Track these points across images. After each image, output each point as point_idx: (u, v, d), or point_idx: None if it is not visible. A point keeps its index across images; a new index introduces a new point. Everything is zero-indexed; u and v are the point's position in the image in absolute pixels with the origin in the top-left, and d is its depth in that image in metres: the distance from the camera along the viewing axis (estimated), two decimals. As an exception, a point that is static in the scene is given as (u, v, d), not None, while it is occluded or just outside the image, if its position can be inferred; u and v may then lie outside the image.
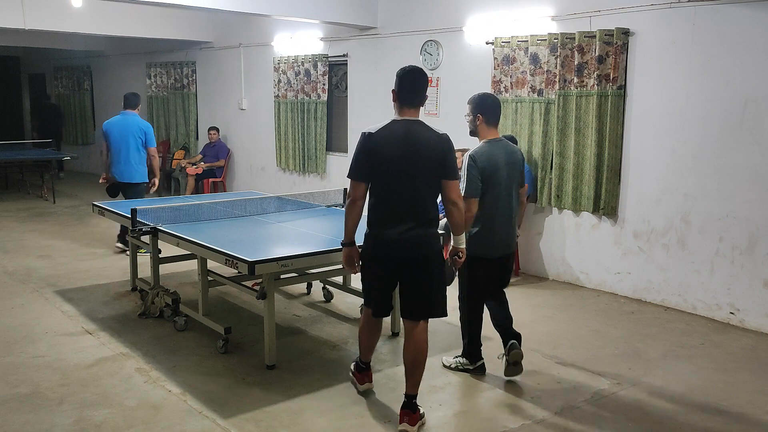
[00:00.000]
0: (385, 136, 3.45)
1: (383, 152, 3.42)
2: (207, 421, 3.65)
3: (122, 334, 4.93)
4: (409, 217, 3.47)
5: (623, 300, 5.98)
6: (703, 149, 5.43)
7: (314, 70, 8.94)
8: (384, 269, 3.59)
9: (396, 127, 3.47)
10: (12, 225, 8.92)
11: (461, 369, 4.34)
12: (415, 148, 3.42)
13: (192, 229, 4.92)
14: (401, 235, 3.47)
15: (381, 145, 3.43)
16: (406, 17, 7.72)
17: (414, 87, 3.51)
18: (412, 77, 3.51)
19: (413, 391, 3.59)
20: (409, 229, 3.47)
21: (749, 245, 5.22)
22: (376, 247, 3.56)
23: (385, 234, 3.50)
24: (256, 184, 10.13)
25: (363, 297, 3.83)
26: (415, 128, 3.47)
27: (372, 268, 3.64)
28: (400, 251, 3.50)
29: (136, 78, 12.70)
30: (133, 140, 7.09)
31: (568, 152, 6.26)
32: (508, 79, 6.66)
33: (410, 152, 3.41)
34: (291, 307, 5.65)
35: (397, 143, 3.42)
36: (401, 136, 3.43)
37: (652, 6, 5.62)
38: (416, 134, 3.45)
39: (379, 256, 3.57)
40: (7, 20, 8.53)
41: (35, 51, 14.99)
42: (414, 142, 3.43)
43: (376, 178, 3.48)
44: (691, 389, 4.16)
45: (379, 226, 3.52)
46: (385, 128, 3.47)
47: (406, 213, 3.47)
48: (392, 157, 3.42)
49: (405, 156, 3.41)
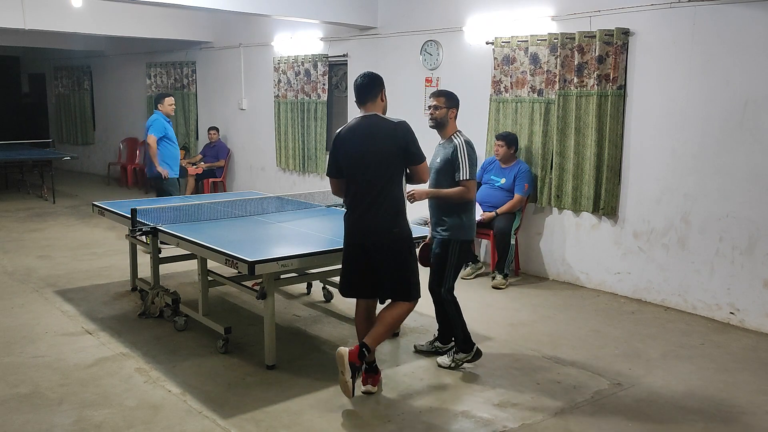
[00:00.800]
0: (346, 133, 3.89)
1: (344, 148, 3.86)
2: (207, 421, 3.65)
3: (122, 334, 4.93)
4: (375, 204, 3.82)
5: (623, 300, 5.98)
6: (703, 149, 5.43)
7: (314, 70, 8.94)
8: (355, 254, 3.93)
9: (355, 124, 3.91)
10: (12, 225, 8.92)
11: (461, 364, 4.36)
12: (371, 140, 3.81)
13: (192, 229, 4.91)
14: (370, 222, 3.84)
15: (342, 142, 3.88)
16: (406, 17, 7.72)
17: (356, 86, 3.95)
18: (356, 78, 3.97)
19: (372, 344, 3.85)
20: (377, 215, 3.83)
21: (749, 245, 5.22)
22: (346, 233, 3.97)
23: (349, 221, 3.93)
24: (256, 184, 10.13)
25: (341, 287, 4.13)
26: (372, 122, 3.86)
27: (345, 252, 4.01)
28: (369, 237, 3.86)
29: (136, 78, 12.71)
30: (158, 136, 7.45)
31: (568, 152, 6.26)
32: (508, 79, 6.66)
33: (368, 144, 3.80)
34: (291, 307, 5.65)
35: (356, 138, 3.84)
36: (359, 131, 3.85)
37: (652, 6, 5.62)
38: (372, 127, 3.84)
39: (346, 242, 3.98)
40: (7, 20, 8.53)
41: (35, 51, 14.99)
42: (370, 135, 3.82)
43: (345, 172, 3.90)
44: (691, 389, 4.16)
45: (349, 214, 3.93)
46: (347, 126, 3.93)
47: (372, 201, 3.82)
48: (351, 152, 3.84)
49: (362, 148, 3.81)
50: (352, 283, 3.99)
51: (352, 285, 4.00)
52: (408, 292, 3.94)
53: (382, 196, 3.82)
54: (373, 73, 3.99)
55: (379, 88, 3.94)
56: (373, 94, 3.91)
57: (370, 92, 3.91)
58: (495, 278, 6.31)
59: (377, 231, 3.86)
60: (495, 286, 6.24)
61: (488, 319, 5.35)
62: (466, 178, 4.17)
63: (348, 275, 4.00)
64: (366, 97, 3.92)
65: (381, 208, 3.83)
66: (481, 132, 6.89)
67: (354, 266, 3.95)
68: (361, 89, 3.92)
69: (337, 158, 3.90)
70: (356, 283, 3.98)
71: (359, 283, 3.97)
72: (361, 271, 3.94)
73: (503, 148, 6.43)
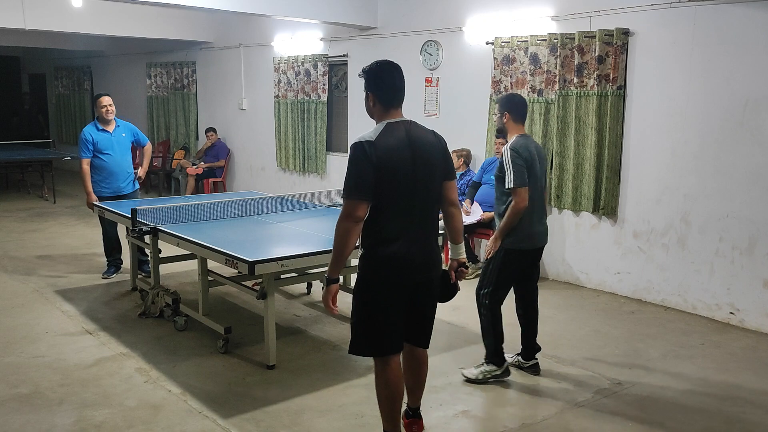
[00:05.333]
0: (389, 142, 2.96)
1: (391, 161, 2.93)
2: (207, 421, 3.65)
3: (122, 334, 4.93)
4: (423, 232, 3.10)
5: (623, 300, 5.98)
6: (703, 149, 5.43)
7: (314, 71, 8.94)
8: (398, 295, 3.07)
9: (396, 131, 3.01)
10: (12, 225, 8.92)
11: (490, 378, 4.15)
12: (422, 150, 3.03)
13: (192, 229, 4.92)
14: (419, 255, 3.07)
15: (387, 153, 2.93)
16: (406, 17, 7.72)
17: (395, 83, 3.09)
18: (390, 72, 3.09)
19: (419, 404, 3.46)
20: (424, 246, 3.10)
21: (749, 245, 5.22)
22: (387, 268, 3.03)
23: (396, 253, 3.01)
24: (256, 184, 10.13)
25: (366, 345, 3.14)
26: (415, 129, 3.08)
27: (382, 295, 3.06)
28: (415, 272, 3.07)
29: (136, 78, 12.71)
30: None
31: (567, 152, 6.26)
32: (508, 79, 6.66)
33: (418, 156, 3.01)
34: (291, 307, 5.65)
35: (404, 148, 2.98)
36: (405, 140, 3.00)
37: (652, 6, 5.62)
38: (419, 135, 3.06)
39: (383, 282, 3.05)
40: (7, 20, 8.52)
41: (35, 51, 14.99)
42: (420, 145, 3.03)
43: (382, 192, 2.95)
44: (691, 389, 4.16)
45: (387, 244, 3.01)
46: (384, 134, 2.98)
47: (418, 227, 3.08)
48: (402, 165, 2.97)
49: (413, 162, 2.99)
50: (395, 333, 3.12)
51: (395, 336, 3.12)
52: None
53: (432, 222, 3.15)
54: (396, 64, 3.19)
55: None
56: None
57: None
58: (495, 278, 6.29)
59: (430, 265, 3.13)
60: (495, 286, 6.22)
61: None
62: (511, 186, 3.92)
63: (390, 325, 3.09)
64: (403, 98, 3.14)
65: (432, 237, 3.15)
66: (481, 132, 6.89)
67: (397, 312, 3.09)
68: (402, 87, 3.11)
69: (378, 174, 2.91)
70: (398, 333, 3.14)
71: (400, 333, 3.15)
72: (402, 318, 3.13)
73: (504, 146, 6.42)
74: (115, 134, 6.28)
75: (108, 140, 6.21)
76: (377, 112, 3.12)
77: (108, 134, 6.23)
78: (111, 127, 6.26)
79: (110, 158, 6.22)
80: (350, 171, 2.94)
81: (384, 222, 3.01)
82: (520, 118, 4.14)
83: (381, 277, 3.05)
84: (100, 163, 6.20)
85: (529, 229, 4.05)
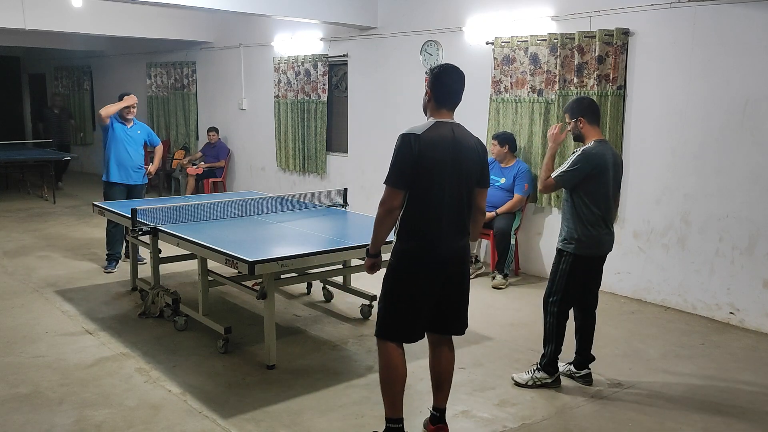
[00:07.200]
0: (434, 138, 3.13)
1: (433, 156, 3.11)
2: (207, 421, 3.65)
3: (122, 334, 4.93)
4: (455, 227, 3.24)
5: (623, 300, 5.98)
6: (703, 149, 5.43)
7: (314, 70, 8.94)
8: (429, 286, 3.23)
9: (443, 130, 3.18)
10: (12, 225, 8.92)
11: (539, 385, 4.09)
12: (462, 152, 3.19)
13: (192, 229, 4.92)
14: (449, 248, 3.22)
15: (431, 148, 3.10)
16: (406, 17, 7.72)
17: (453, 86, 3.26)
18: (451, 75, 3.27)
19: (444, 404, 3.47)
20: (455, 241, 3.24)
21: (749, 245, 5.22)
22: (421, 261, 3.20)
23: (431, 247, 3.19)
24: (256, 184, 10.12)
25: (387, 330, 3.28)
26: (460, 132, 3.24)
27: (408, 284, 3.23)
28: (447, 265, 3.24)
29: (136, 78, 12.70)
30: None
31: (568, 152, 6.25)
32: (508, 79, 6.66)
33: (458, 158, 3.17)
34: (291, 307, 5.65)
35: (447, 147, 3.15)
36: (450, 140, 3.16)
37: (652, 6, 5.62)
38: (462, 138, 3.22)
39: (414, 273, 3.21)
40: (7, 20, 8.52)
41: (35, 51, 14.98)
42: (461, 147, 3.19)
43: (419, 184, 3.13)
44: (691, 389, 4.16)
45: (421, 238, 3.19)
46: (431, 130, 3.15)
47: (451, 223, 3.21)
48: (442, 162, 3.13)
49: (453, 161, 3.16)
50: (417, 323, 3.28)
51: (417, 326, 3.29)
52: (465, 325, 3.49)
53: (464, 216, 3.28)
54: (460, 69, 3.31)
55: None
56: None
57: (462, 94, 3.31)
58: (495, 278, 6.32)
59: (459, 259, 3.29)
60: (495, 286, 6.24)
61: (488, 319, 5.35)
62: (554, 176, 3.98)
63: (418, 314, 3.26)
64: (460, 99, 3.30)
65: (463, 233, 3.29)
66: (481, 132, 6.88)
67: (421, 302, 3.25)
68: (458, 90, 3.28)
69: (419, 165, 3.09)
70: (420, 323, 3.30)
71: (422, 323, 3.31)
72: (426, 310, 3.29)
73: (496, 147, 6.45)
74: (131, 130, 6.95)
75: (125, 132, 6.88)
76: (430, 108, 3.30)
77: (125, 127, 6.90)
78: (129, 124, 6.95)
79: (124, 150, 6.84)
80: (393, 160, 3.15)
81: (417, 214, 3.18)
82: (595, 120, 4.05)
83: (408, 267, 3.23)
84: (116, 152, 6.81)
85: (598, 236, 3.99)
